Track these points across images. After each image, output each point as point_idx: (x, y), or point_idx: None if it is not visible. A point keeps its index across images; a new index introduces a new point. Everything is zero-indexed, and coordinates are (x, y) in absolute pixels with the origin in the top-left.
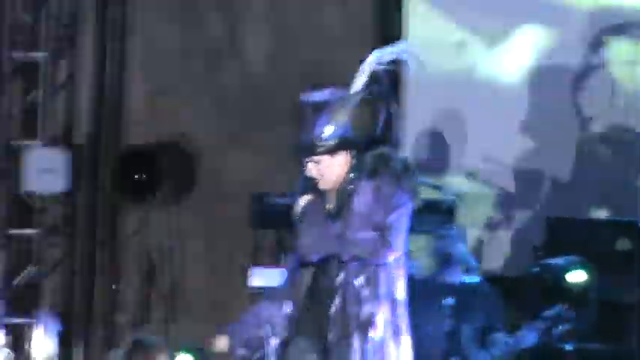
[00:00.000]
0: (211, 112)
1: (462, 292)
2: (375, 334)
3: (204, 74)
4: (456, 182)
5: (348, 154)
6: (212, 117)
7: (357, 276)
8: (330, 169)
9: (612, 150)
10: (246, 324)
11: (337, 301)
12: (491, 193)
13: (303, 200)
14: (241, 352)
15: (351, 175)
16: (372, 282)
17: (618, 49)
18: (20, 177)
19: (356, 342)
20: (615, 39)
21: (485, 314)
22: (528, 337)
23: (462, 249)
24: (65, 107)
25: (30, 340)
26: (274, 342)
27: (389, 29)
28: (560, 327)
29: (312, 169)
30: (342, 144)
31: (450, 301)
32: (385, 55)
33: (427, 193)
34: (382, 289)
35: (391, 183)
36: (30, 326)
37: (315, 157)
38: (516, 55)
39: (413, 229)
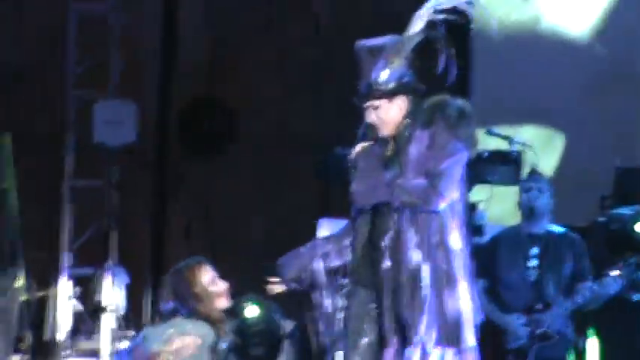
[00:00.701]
0: (274, 65)
1: (548, 241)
2: (428, 283)
3: (268, 27)
4: (524, 132)
5: (406, 99)
6: (274, 70)
7: (409, 224)
8: (388, 114)
9: None
10: (299, 255)
11: (389, 250)
12: (560, 143)
13: (358, 147)
14: (293, 286)
15: (408, 121)
16: (423, 230)
17: None
18: (90, 129)
19: (407, 292)
20: None
21: (572, 263)
22: (613, 285)
23: (548, 200)
24: (132, 60)
25: (99, 291)
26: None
27: None
28: None
29: (371, 115)
30: (399, 88)
31: (535, 250)
32: (444, 3)
33: (496, 143)
34: (434, 238)
35: (446, 130)
36: (99, 278)
37: (374, 103)
38: (583, 6)
39: (481, 179)
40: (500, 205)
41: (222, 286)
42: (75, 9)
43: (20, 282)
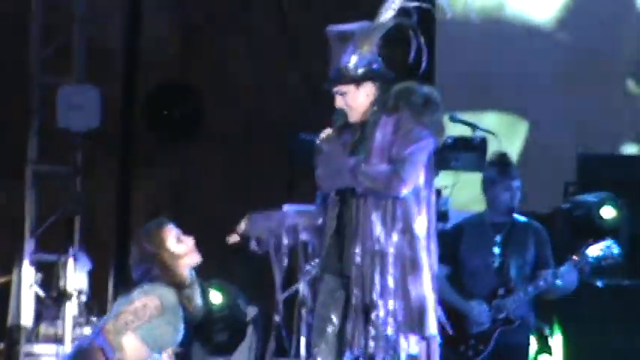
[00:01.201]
0: (245, 52)
1: (511, 228)
2: (392, 269)
3: (238, 13)
4: (488, 119)
5: (374, 86)
6: (246, 57)
7: (374, 210)
8: (355, 100)
9: None
10: (269, 217)
11: (354, 237)
12: (523, 129)
13: (323, 133)
14: (253, 244)
15: (374, 107)
16: (388, 216)
17: None
18: (54, 114)
19: (371, 278)
20: None
21: (534, 251)
22: (568, 275)
23: (519, 199)
24: (98, 44)
25: (62, 277)
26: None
27: None
28: (610, 260)
29: (339, 100)
30: (367, 74)
31: (499, 237)
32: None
33: (460, 130)
34: (399, 224)
35: (411, 117)
36: (62, 264)
37: (342, 88)
38: None
39: (446, 165)
40: (464, 192)
41: (188, 242)
42: None
43: None
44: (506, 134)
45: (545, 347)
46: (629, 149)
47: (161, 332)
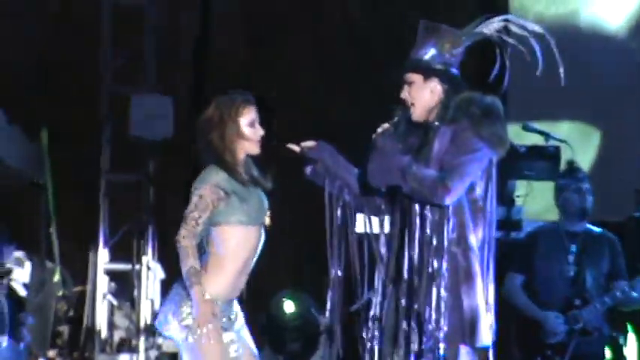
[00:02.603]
0: (311, 62)
1: (586, 238)
2: (446, 279)
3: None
4: (561, 127)
5: (441, 87)
6: (312, 67)
7: (428, 219)
8: (419, 93)
9: None
10: (335, 156)
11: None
12: (597, 138)
13: (381, 128)
14: (308, 169)
15: (438, 113)
16: (442, 226)
17: None
18: (126, 124)
19: (424, 287)
20: None
21: (609, 262)
22: None
23: (591, 202)
24: (168, 53)
25: (135, 286)
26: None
27: None
28: None
29: (405, 90)
30: (438, 71)
31: (574, 247)
32: (520, 26)
33: (533, 139)
34: (454, 234)
35: (469, 128)
36: (135, 273)
37: (411, 76)
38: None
39: (519, 174)
40: (537, 201)
41: (258, 132)
42: (109, 1)
43: (56, 277)
44: (580, 143)
45: (619, 357)
46: None
47: (241, 205)
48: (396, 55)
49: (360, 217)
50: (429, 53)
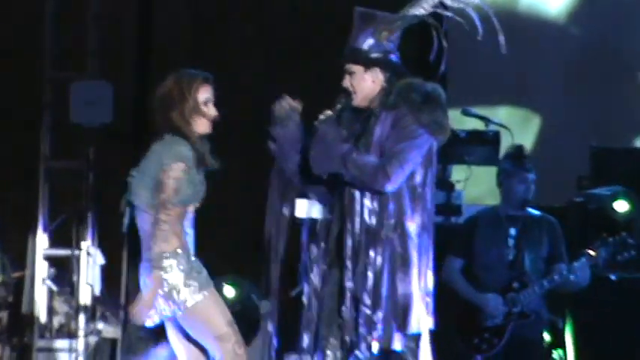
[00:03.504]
0: (257, 43)
1: (526, 222)
2: (383, 264)
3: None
4: (500, 112)
5: (383, 75)
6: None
7: (367, 205)
8: (361, 83)
9: None
10: (296, 134)
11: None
12: (536, 123)
13: (323, 115)
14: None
15: (379, 100)
16: (381, 212)
17: None
18: (66, 111)
19: (362, 273)
20: None
21: (548, 245)
22: (582, 271)
23: (533, 191)
24: (109, 39)
25: (74, 272)
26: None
27: None
28: (625, 254)
29: (346, 79)
30: (378, 60)
31: (513, 230)
32: (454, 0)
33: (473, 124)
34: (392, 220)
35: (409, 114)
36: (75, 258)
37: (351, 67)
38: None
39: (459, 159)
40: (477, 186)
41: (212, 111)
42: None
43: None
44: (519, 128)
45: (558, 341)
46: None
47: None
48: (341, 41)
49: (301, 202)
50: (368, 42)
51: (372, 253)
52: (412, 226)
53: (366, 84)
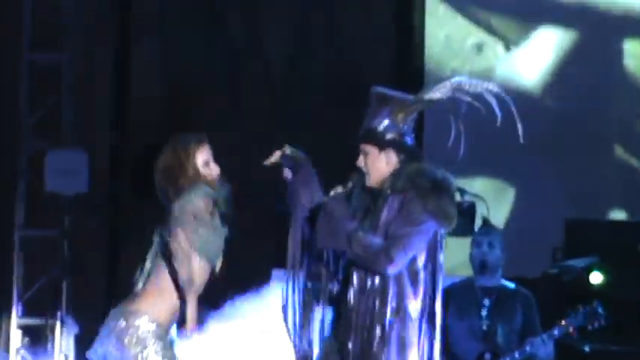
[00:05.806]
0: (232, 113)
1: (500, 294)
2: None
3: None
4: (475, 184)
5: (397, 157)
6: (232, 117)
7: (369, 286)
8: (374, 164)
9: (631, 151)
10: (310, 183)
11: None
12: (511, 195)
13: (333, 191)
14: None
15: (390, 182)
16: (382, 294)
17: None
18: (42, 178)
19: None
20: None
21: (522, 318)
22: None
23: (499, 254)
24: (85, 110)
25: (49, 341)
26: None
27: (409, 30)
28: (596, 324)
29: (361, 159)
30: (393, 142)
31: (487, 301)
32: (472, 86)
33: None
34: (393, 303)
35: (415, 199)
36: (49, 327)
37: (366, 147)
38: (535, 57)
39: None
40: (451, 257)
41: (214, 170)
42: (28, 58)
43: None
44: (495, 200)
45: None
46: (618, 215)
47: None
48: (316, 113)
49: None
50: (383, 123)
51: (372, 334)
52: (413, 308)
53: (380, 165)
